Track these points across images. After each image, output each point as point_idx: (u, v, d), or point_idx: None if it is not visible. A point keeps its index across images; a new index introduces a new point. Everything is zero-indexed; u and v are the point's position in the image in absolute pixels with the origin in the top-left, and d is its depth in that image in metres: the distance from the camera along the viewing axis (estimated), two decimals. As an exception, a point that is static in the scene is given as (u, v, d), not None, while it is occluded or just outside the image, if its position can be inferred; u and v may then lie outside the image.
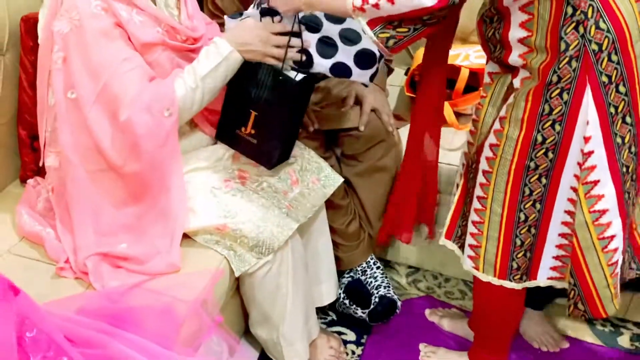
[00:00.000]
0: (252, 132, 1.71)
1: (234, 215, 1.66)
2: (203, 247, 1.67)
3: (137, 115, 1.54)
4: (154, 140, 1.57)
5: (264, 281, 1.72)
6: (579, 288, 1.59)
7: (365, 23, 1.45)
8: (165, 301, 1.52)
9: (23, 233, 1.69)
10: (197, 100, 1.62)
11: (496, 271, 1.64)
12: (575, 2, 1.34)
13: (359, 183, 2.08)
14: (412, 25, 1.43)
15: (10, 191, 1.86)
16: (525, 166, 1.49)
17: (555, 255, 1.61)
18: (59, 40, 1.57)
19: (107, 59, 1.55)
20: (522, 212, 1.55)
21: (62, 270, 1.61)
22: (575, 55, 1.37)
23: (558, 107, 1.42)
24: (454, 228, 1.76)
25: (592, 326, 2.15)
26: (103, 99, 1.56)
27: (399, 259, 2.34)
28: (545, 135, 1.45)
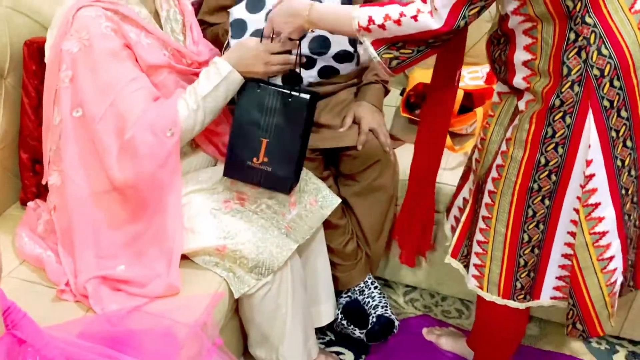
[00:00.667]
0: (265, 160, 1.69)
1: (234, 236, 1.66)
2: (202, 269, 1.66)
3: (140, 135, 1.54)
4: (155, 160, 1.57)
5: (264, 302, 1.71)
6: (578, 308, 1.59)
7: (369, 43, 1.45)
8: (165, 324, 1.50)
9: (23, 256, 1.68)
10: (199, 121, 1.62)
11: (500, 291, 1.63)
12: (578, 28, 1.35)
13: (356, 203, 2.07)
14: (416, 47, 1.43)
15: (10, 214, 1.85)
16: (529, 188, 1.50)
17: (558, 276, 1.61)
18: (68, 59, 1.56)
19: (115, 79, 1.55)
20: (525, 232, 1.55)
21: (63, 292, 1.59)
22: (578, 79, 1.38)
23: (561, 130, 1.43)
24: (460, 247, 1.75)
25: (588, 344, 2.14)
26: (110, 116, 1.55)
27: (396, 277, 2.34)
28: (548, 158, 1.46)
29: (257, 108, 1.66)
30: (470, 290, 1.72)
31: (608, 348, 2.13)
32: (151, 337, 1.47)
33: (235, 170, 1.72)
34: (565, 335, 2.10)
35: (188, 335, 1.49)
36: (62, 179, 1.64)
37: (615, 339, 2.16)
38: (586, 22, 1.35)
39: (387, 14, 1.40)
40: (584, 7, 1.33)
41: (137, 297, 1.58)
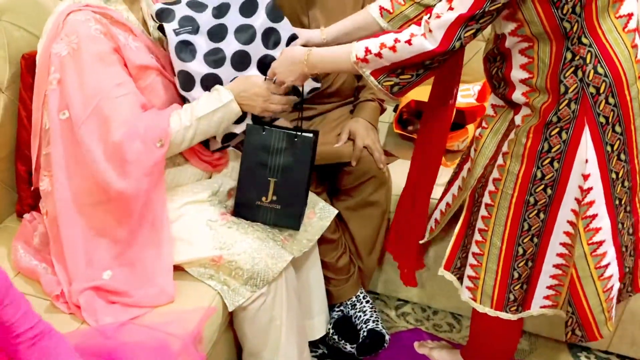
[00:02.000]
0: (273, 198, 1.71)
1: (230, 247, 1.63)
2: (196, 281, 1.63)
3: (130, 142, 1.52)
4: (141, 167, 1.54)
5: (258, 314, 1.68)
6: (577, 316, 1.59)
7: (369, 73, 1.45)
8: (159, 337, 1.47)
9: (19, 268, 1.64)
10: (188, 139, 1.60)
11: (493, 303, 1.63)
12: (575, 48, 1.35)
13: (350, 217, 2.05)
14: (415, 71, 1.43)
15: (6, 226, 1.81)
16: (525, 201, 1.50)
17: (549, 285, 1.60)
18: (57, 62, 1.54)
19: (101, 83, 1.53)
20: (520, 246, 1.54)
21: (57, 300, 1.55)
22: (574, 97, 1.38)
23: (557, 146, 1.43)
24: (453, 259, 1.74)
25: (577, 358, 2.12)
26: (93, 119, 1.52)
27: (388, 292, 2.31)
28: (544, 172, 1.46)
29: (263, 149, 1.69)
30: (461, 304, 1.71)
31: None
32: (145, 351, 1.44)
33: (245, 210, 1.74)
34: (554, 349, 2.13)
35: (181, 349, 1.46)
36: (52, 184, 1.61)
37: (603, 354, 2.14)
38: (582, 42, 1.35)
39: (382, 42, 1.41)
40: (580, 28, 1.34)
41: (131, 310, 1.55)
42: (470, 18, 1.31)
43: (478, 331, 1.78)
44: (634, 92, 1.42)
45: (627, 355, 2.12)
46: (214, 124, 1.62)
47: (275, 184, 1.71)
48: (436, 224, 1.84)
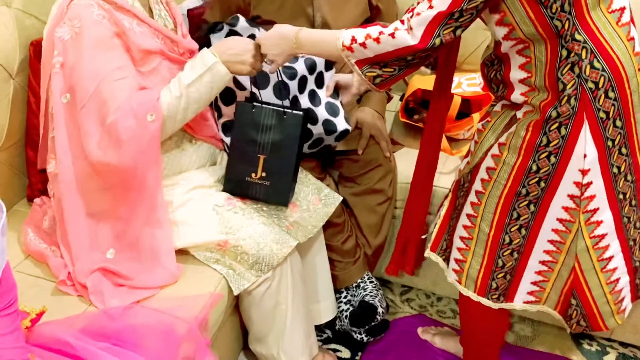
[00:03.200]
0: (262, 175, 1.71)
1: (235, 231, 1.62)
2: (203, 266, 1.62)
3: (123, 119, 1.49)
4: (136, 144, 1.51)
5: (264, 298, 1.67)
6: (582, 308, 1.58)
7: (354, 62, 1.44)
8: (165, 320, 1.46)
9: (28, 251, 1.64)
10: (182, 109, 1.56)
11: (476, 287, 1.62)
12: (569, 45, 1.33)
13: (355, 203, 2.03)
14: (397, 66, 1.42)
15: (17, 210, 1.81)
16: (517, 192, 1.48)
17: (533, 281, 1.59)
18: (60, 45, 1.53)
19: (101, 66, 1.51)
20: (507, 234, 1.53)
21: (63, 285, 1.55)
22: (573, 93, 1.36)
23: (555, 140, 1.41)
24: (439, 241, 1.73)
25: (580, 345, 2.10)
26: (93, 102, 1.51)
27: (393, 278, 2.28)
28: (540, 165, 1.44)
29: (253, 127, 1.69)
30: (464, 291, 1.69)
31: (599, 349, 2.08)
32: (151, 334, 1.43)
33: (234, 186, 1.73)
34: (557, 336, 2.11)
35: (187, 332, 1.45)
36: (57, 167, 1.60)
37: (606, 341, 2.11)
38: (576, 39, 1.33)
39: (368, 33, 1.40)
40: (572, 25, 1.32)
41: (137, 292, 1.54)
42: (449, 16, 1.30)
43: (465, 315, 1.78)
44: (633, 84, 1.39)
45: (629, 342, 2.09)
46: (204, 90, 1.57)
47: (265, 161, 1.70)
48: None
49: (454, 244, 1.65)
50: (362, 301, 1.99)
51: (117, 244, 1.59)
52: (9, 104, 1.69)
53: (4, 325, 1.08)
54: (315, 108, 1.81)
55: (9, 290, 1.09)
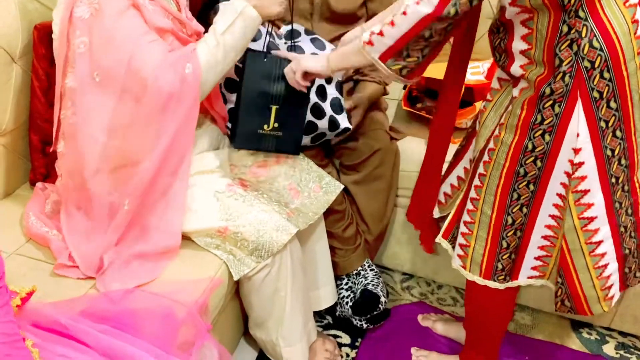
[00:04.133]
0: (275, 126, 1.69)
1: (236, 218, 1.60)
2: (203, 251, 1.61)
3: (163, 76, 1.48)
4: (176, 99, 1.49)
5: (263, 284, 1.66)
6: (566, 286, 1.56)
7: (377, 58, 1.41)
8: (165, 304, 1.45)
9: (30, 235, 1.62)
10: (220, 59, 1.54)
11: (482, 271, 1.61)
12: (571, 21, 1.31)
13: (357, 191, 2.01)
14: (420, 51, 1.38)
15: (19, 194, 1.79)
16: (515, 172, 1.47)
17: (536, 256, 1.58)
18: (81, 25, 1.50)
19: (129, 34, 1.48)
20: (509, 215, 1.52)
21: (62, 268, 1.53)
22: (569, 70, 1.34)
23: (549, 118, 1.39)
24: (451, 229, 1.72)
25: (579, 334, 2.08)
26: (130, 70, 1.48)
27: (393, 265, 2.27)
28: (535, 144, 1.43)
29: (265, 77, 1.65)
30: (465, 279, 1.67)
31: (598, 338, 2.06)
32: (151, 318, 1.42)
33: (246, 140, 1.70)
34: (556, 325, 2.09)
35: (186, 316, 1.44)
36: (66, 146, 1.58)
37: (605, 330, 2.09)
38: (579, 15, 1.31)
39: (382, 21, 1.39)
40: (578, 1, 1.29)
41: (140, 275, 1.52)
42: None
43: (470, 301, 1.75)
44: (631, 68, 1.36)
45: (629, 332, 2.07)
46: (238, 35, 1.56)
47: (277, 111, 1.67)
48: (446, 198, 1.80)
49: (459, 230, 1.63)
50: (365, 290, 1.97)
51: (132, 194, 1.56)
52: (11, 88, 1.67)
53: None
54: (323, 103, 1.79)
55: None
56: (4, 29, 1.63)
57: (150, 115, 1.51)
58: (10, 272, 1.47)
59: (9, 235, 1.62)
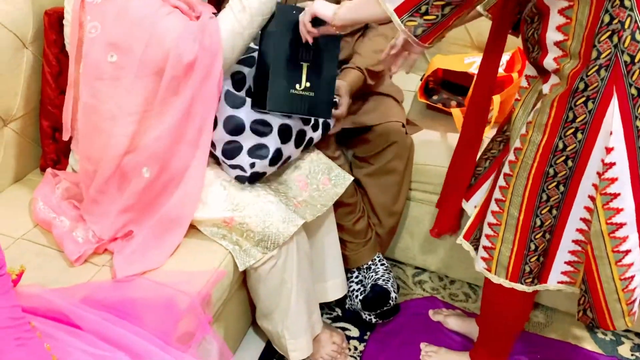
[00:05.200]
0: (307, 85, 1.56)
1: (242, 209, 1.56)
2: (209, 241, 1.58)
3: (184, 44, 1.45)
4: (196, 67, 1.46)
5: (269, 276, 1.62)
6: (589, 295, 1.47)
7: (392, 10, 1.29)
8: (167, 294, 1.42)
9: (37, 220, 1.61)
10: (246, 24, 1.49)
11: (508, 274, 1.53)
12: (615, 10, 1.21)
13: (368, 183, 1.96)
14: (440, 9, 1.26)
15: (30, 179, 1.78)
16: (545, 172, 1.38)
17: (567, 261, 1.49)
18: (93, 10, 1.47)
19: (145, 10, 1.46)
20: (538, 217, 1.43)
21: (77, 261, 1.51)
22: (605, 64, 1.25)
23: (582, 116, 1.30)
24: (474, 230, 1.65)
25: (594, 334, 2.01)
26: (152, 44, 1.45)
27: (406, 259, 2.22)
28: (566, 143, 1.34)
29: (294, 32, 1.51)
30: (478, 274, 1.61)
31: (613, 339, 1.99)
32: (152, 307, 1.40)
33: (278, 102, 1.54)
34: (571, 324, 2.02)
35: (188, 307, 1.41)
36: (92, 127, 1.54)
37: (622, 331, 2.01)
38: (624, 4, 1.21)
39: None
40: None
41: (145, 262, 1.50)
42: None
43: (490, 302, 1.68)
44: None
45: (645, 334, 2.00)
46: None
47: (308, 69, 1.55)
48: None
49: (483, 232, 1.56)
50: (375, 285, 1.92)
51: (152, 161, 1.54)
52: (22, 74, 1.66)
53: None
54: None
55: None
56: (15, 14, 1.62)
57: (170, 87, 1.47)
58: (15, 257, 1.47)
59: (16, 220, 1.61)
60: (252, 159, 1.57)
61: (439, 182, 1.96)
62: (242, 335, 1.91)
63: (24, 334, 1.10)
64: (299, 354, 1.77)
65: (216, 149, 1.59)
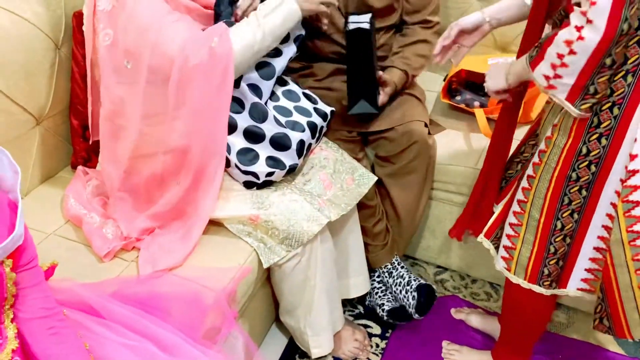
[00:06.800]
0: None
1: (267, 207, 1.57)
2: (234, 238, 1.59)
3: (190, 49, 1.45)
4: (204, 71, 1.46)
5: (293, 273, 1.63)
6: (606, 304, 1.44)
7: (564, 99, 1.27)
8: (193, 289, 1.44)
9: (68, 216, 1.64)
10: (259, 39, 1.52)
11: (527, 275, 1.52)
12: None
13: (391, 183, 1.95)
14: (606, 84, 1.24)
15: (61, 176, 1.81)
16: (567, 176, 1.37)
17: (587, 268, 1.47)
18: (104, 18, 1.49)
19: (152, 16, 1.47)
20: (559, 220, 1.42)
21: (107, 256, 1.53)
22: (633, 69, 1.23)
23: (607, 121, 1.28)
24: (495, 228, 1.64)
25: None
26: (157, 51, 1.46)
27: (427, 258, 2.21)
28: (590, 148, 1.32)
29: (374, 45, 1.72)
30: (499, 274, 1.61)
31: (636, 341, 1.95)
32: (180, 303, 1.41)
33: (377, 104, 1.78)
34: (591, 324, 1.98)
35: (214, 303, 1.42)
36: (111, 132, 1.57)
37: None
38: None
39: (557, 52, 1.21)
40: None
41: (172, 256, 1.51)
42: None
43: (510, 301, 1.67)
44: None
45: (668, 335, 1.96)
46: (278, 22, 1.54)
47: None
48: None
49: (504, 231, 1.55)
50: (420, 286, 1.90)
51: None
52: (54, 74, 1.69)
53: (29, 278, 1.10)
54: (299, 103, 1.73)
55: (29, 246, 1.11)
56: (47, 16, 1.65)
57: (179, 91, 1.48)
58: (47, 252, 1.49)
59: (49, 216, 1.64)
60: (270, 168, 1.59)
61: (461, 182, 1.96)
62: (265, 331, 1.92)
63: (57, 323, 1.13)
64: (320, 351, 1.78)
65: (231, 153, 1.59)
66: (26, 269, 1.09)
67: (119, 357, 1.20)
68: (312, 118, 1.68)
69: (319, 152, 1.75)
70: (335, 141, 1.82)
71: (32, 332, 1.09)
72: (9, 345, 1.06)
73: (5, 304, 1.06)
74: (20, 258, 1.07)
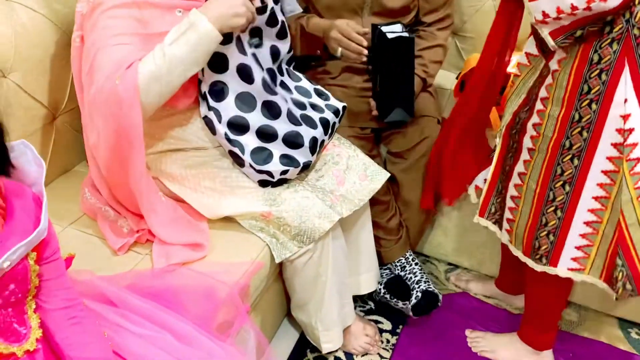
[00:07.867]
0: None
1: (279, 204, 1.58)
2: (247, 233, 1.59)
3: (103, 83, 1.37)
4: (112, 107, 1.37)
5: (305, 269, 1.64)
6: (627, 268, 1.46)
7: (547, 33, 1.35)
8: (207, 283, 1.45)
9: (84, 209, 1.65)
10: (165, 71, 1.37)
11: (523, 247, 1.56)
12: None
13: (403, 179, 1.96)
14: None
15: (78, 170, 1.83)
16: (562, 144, 1.42)
17: (577, 245, 1.50)
18: (78, 20, 1.48)
19: (101, 34, 1.40)
20: (552, 190, 1.47)
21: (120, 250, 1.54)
22: (618, 37, 1.31)
23: (596, 87, 1.35)
24: (487, 205, 1.68)
25: (627, 334, 1.97)
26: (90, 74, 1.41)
27: (438, 255, 2.21)
28: (582, 114, 1.38)
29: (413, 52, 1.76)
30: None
31: (647, 340, 1.95)
32: (193, 297, 1.42)
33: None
34: (603, 323, 1.99)
35: (227, 296, 1.43)
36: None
37: (655, 332, 1.98)
38: None
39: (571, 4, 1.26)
40: None
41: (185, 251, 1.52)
42: None
43: (529, 277, 1.68)
44: None
45: (679, 335, 1.95)
46: (186, 48, 1.38)
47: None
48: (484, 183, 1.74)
49: (506, 204, 1.58)
50: (426, 291, 1.91)
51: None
52: (70, 69, 1.69)
53: (51, 271, 1.12)
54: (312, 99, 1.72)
55: (52, 239, 1.12)
56: (64, 12, 1.65)
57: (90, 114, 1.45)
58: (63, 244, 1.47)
59: (65, 210, 1.65)
60: (284, 166, 1.59)
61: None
62: (277, 326, 1.93)
63: (78, 313, 1.14)
64: (331, 346, 1.78)
65: (244, 154, 1.57)
66: (49, 262, 1.10)
67: (137, 346, 1.22)
68: (325, 114, 1.68)
69: (332, 148, 1.75)
70: (349, 138, 1.82)
71: (55, 322, 1.11)
72: (33, 335, 1.08)
73: (29, 295, 1.08)
74: (44, 251, 1.09)
